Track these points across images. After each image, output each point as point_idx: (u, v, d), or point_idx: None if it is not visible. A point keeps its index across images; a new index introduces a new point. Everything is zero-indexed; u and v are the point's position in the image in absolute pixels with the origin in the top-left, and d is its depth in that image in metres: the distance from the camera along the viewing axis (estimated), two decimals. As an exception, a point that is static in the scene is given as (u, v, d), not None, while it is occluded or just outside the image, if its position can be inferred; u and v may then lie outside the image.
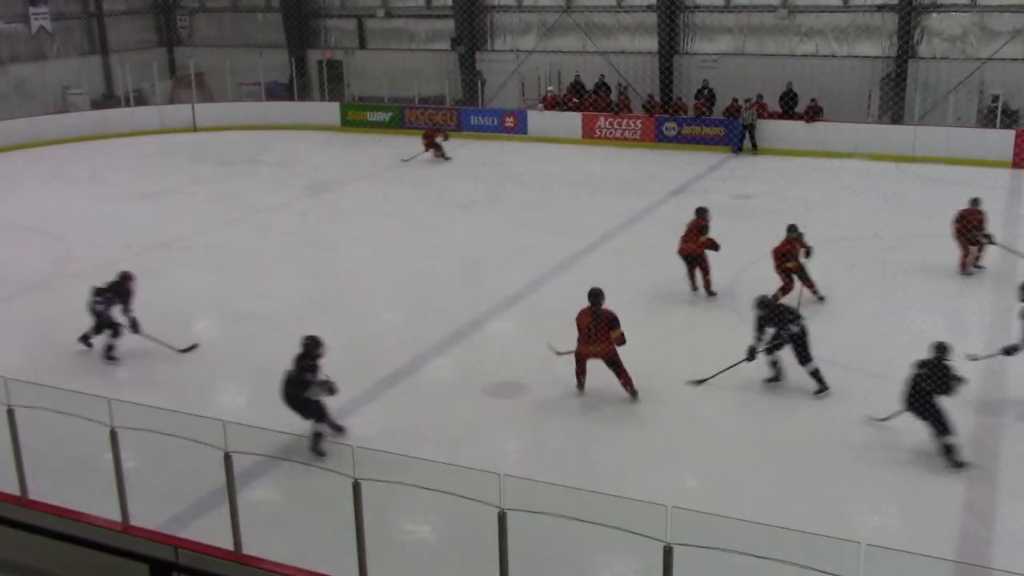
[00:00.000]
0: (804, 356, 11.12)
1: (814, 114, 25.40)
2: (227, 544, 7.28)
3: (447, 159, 25.31)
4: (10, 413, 7.94)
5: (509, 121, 28.89)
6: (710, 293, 14.49)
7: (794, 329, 11.02)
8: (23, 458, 8.10)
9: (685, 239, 14.49)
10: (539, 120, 28.48)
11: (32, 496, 7.99)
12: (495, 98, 30.83)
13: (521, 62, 30.34)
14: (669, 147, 26.40)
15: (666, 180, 22.72)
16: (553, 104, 28.80)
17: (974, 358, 11.16)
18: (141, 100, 31.83)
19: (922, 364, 9.59)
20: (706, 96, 27.11)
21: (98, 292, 12.69)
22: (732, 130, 25.88)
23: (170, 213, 20.44)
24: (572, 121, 27.99)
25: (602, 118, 27.66)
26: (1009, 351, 11.11)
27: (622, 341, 10.97)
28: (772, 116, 26.00)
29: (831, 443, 10.14)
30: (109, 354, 12.63)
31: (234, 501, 7.28)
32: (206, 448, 7.12)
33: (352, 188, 22.94)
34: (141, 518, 7.73)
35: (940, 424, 9.49)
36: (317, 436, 9.80)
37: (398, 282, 15.79)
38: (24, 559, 5.89)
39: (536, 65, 30.16)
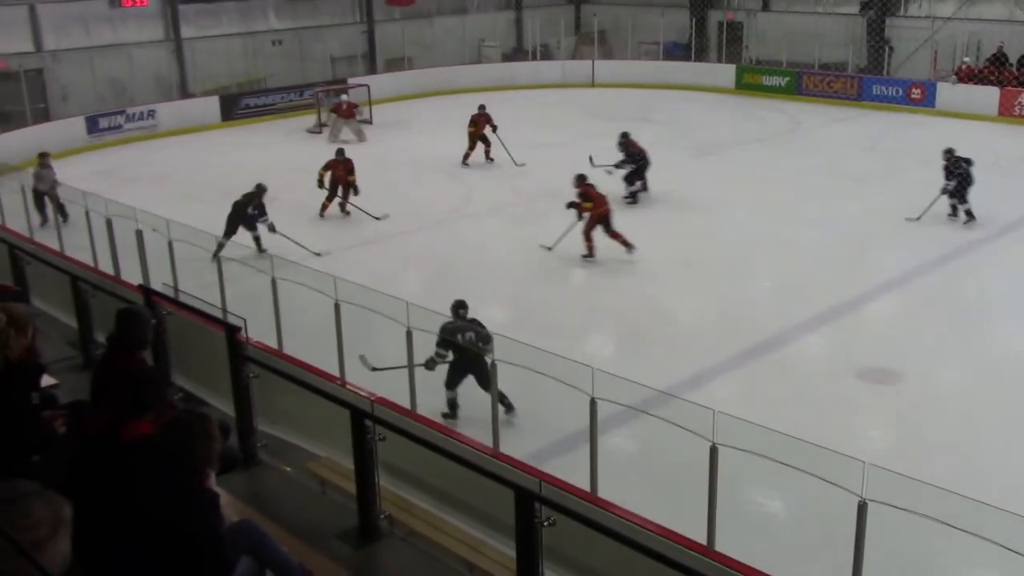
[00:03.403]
0: None
1: None
2: (583, 485, 7.63)
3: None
4: (408, 335, 8.85)
5: (916, 92, 26.97)
6: None
7: None
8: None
9: None
10: (949, 93, 26.30)
11: (419, 411, 8.86)
12: (902, 67, 28.85)
13: (937, 30, 28.08)
14: (1105, 132, 23.37)
15: (1095, 169, 20.17)
16: (968, 77, 26.43)
17: None
18: (546, 55, 33.51)
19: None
20: None
21: None
22: None
23: (561, 164, 21.35)
24: (988, 96, 25.55)
25: (1025, 94, 25.03)
26: None
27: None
28: None
29: None
30: None
31: (595, 445, 7.60)
32: (574, 391, 7.49)
33: (738, 152, 22.62)
34: (508, 447, 8.32)
35: None
36: None
37: (775, 251, 15.45)
38: (409, 468, 6.60)
39: (953, 34, 27.76)
